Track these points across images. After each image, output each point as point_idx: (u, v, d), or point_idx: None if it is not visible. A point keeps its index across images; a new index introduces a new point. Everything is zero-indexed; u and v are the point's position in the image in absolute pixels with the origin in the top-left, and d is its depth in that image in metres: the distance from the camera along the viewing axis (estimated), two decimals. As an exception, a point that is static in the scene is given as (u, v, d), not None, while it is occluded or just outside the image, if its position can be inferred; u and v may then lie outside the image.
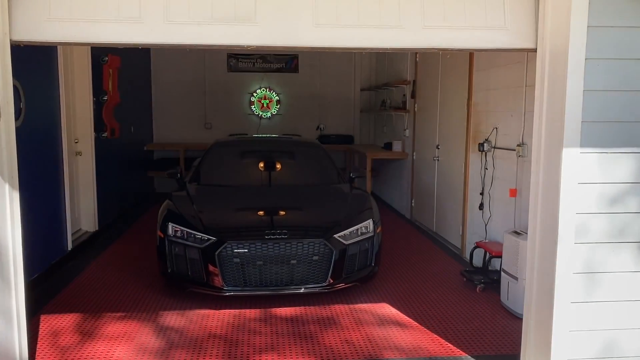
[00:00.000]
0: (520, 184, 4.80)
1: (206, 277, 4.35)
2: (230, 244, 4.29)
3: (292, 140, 6.31)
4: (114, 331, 3.98)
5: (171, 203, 4.92)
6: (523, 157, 4.74)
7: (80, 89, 6.44)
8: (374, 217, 4.83)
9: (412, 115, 7.93)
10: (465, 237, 5.97)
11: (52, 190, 5.36)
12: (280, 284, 4.35)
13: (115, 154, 7.64)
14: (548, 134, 3.08)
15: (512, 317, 4.31)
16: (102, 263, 5.64)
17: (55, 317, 4.21)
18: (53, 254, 5.33)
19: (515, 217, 4.87)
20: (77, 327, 4.04)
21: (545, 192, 3.11)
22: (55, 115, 5.43)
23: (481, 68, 5.59)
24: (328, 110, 10.54)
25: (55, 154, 5.44)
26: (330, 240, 4.42)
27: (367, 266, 4.68)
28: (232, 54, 10.20)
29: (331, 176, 5.75)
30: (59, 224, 5.53)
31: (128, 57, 8.32)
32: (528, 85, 4.67)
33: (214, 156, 5.87)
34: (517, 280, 4.29)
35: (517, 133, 4.85)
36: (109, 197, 7.23)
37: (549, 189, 3.08)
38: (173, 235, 4.51)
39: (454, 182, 6.38)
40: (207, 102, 10.29)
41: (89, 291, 4.80)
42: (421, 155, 7.60)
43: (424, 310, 4.45)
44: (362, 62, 10.44)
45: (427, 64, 7.32)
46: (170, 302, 4.55)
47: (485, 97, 5.49)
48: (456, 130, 6.28)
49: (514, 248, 4.33)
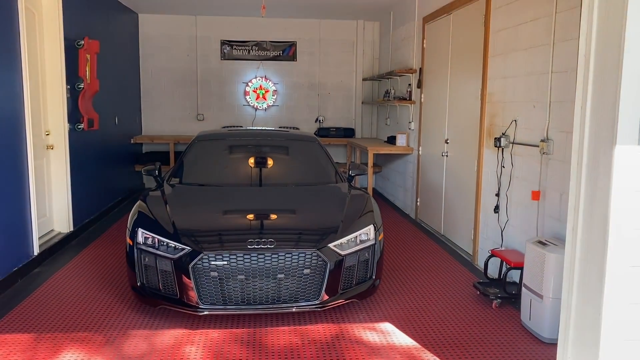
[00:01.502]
0: (544, 186, 4.17)
1: (180, 293, 3.73)
2: (206, 255, 3.67)
3: (284, 134, 5.66)
4: (70, 357, 3.38)
5: (144, 205, 4.31)
6: (548, 155, 4.11)
7: (52, 75, 5.81)
8: (376, 222, 4.20)
9: (418, 106, 7.28)
10: (477, 242, 5.34)
11: (13, 188, 4.75)
12: (265, 302, 3.74)
13: (95, 148, 7.02)
14: (594, 128, 2.45)
15: (536, 341, 3.69)
16: (71, 271, 5.03)
17: (3, 339, 3.60)
18: (14, 261, 4.73)
19: (537, 223, 4.24)
20: (28, 351, 3.44)
21: (590, 200, 2.49)
22: (16, 104, 4.80)
23: (498, 53, 4.94)
24: (328, 101, 9.89)
25: (17, 147, 4.82)
26: (324, 250, 3.80)
27: (367, 279, 4.06)
28: (226, 41, 9.55)
29: (328, 174, 5.12)
30: (23, 225, 4.92)
31: (111, 42, 7.68)
32: (555, 72, 4.03)
33: (197, 151, 5.24)
34: (541, 299, 3.67)
35: (541, 127, 4.21)
36: (86, 194, 6.62)
37: (595, 197, 2.46)
38: (143, 242, 3.90)
39: (465, 181, 5.74)
40: (199, 92, 9.66)
41: (50, 306, 4.19)
42: (428, 150, 6.96)
43: (432, 331, 3.84)
44: (364, 49, 9.78)
45: (435, 50, 6.67)
46: (139, 320, 3.94)
47: (503, 86, 4.85)
48: (468, 123, 5.64)
49: (538, 261, 3.71)
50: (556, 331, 3.62)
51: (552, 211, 4.06)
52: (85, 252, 5.63)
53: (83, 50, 6.27)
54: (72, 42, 6.15)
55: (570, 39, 3.83)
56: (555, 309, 3.60)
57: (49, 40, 5.75)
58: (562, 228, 3.91)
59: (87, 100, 6.52)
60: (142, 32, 9.38)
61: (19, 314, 4.01)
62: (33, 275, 4.89)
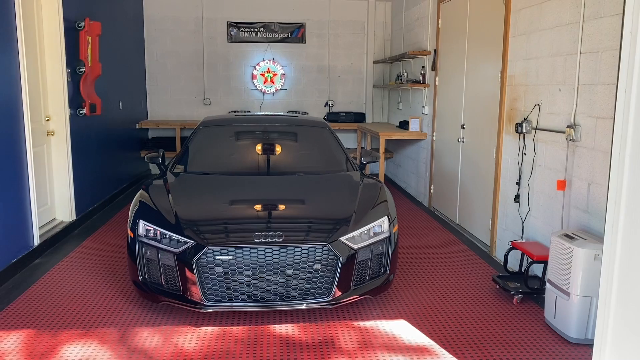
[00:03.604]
0: (570, 175, 3.90)
1: (183, 289, 3.53)
2: (211, 249, 3.46)
3: (293, 119, 5.40)
4: (69, 354, 3.19)
5: (146, 194, 4.09)
6: (575, 142, 3.83)
7: (51, 59, 5.58)
8: (390, 213, 3.96)
9: (432, 90, 6.99)
10: (495, 233, 5.10)
11: (11, 176, 4.55)
12: (273, 299, 3.52)
13: (98, 133, 6.81)
14: (640, 113, 2.19)
15: (562, 340, 3.46)
16: (72, 262, 4.86)
17: (0, 333, 3.44)
18: (13, 252, 4.55)
19: (563, 214, 3.98)
20: (26, 346, 3.26)
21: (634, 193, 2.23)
22: (13, 88, 4.58)
23: (519, 32, 4.64)
24: (337, 84, 9.60)
25: (14, 133, 4.61)
26: (335, 244, 3.57)
27: (381, 274, 3.84)
28: (233, 23, 9.27)
29: (339, 162, 4.87)
30: (22, 215, 4.73)
31: (114, 24, 7.43)
32: (584, 53, 3.74)
33: (201, 138, 5.01)
34: (568, 297, 3.43)
35: (568, 112, 3.93)
36: (89, 181, 6.43)
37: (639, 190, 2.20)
38: (145, 235, 3.69)
39: (482, 168, 5.48)
40: (205, 76, 9.40)
41: (49, 300, 4.02)
42: (442, 136, 6.69)
43: (449, 328, 3.61)
44: (375, 30, 9.45)
45: (451, 30, 6.36)
46: (142, 315, 3.75)
47: (525, 68, 4.56)
48: (486, 108, 5.36)
49: (565, 256, 3.46)
50: (584, 331, 3.40)
51: (578, 202, 3.80)
52: (87, 242, 5.44)
53: (84, 32, 6.03)
54: (72, 24, 5.91)
55: (603, 16, 3.53)
56: (584, 308, 3.37)
57: (48, 21, 5.51)
58: (590, 220, 3.66)
59: (89, 85, 6.30)
60: (147, 13, 9.12)
61: (18, 308, 3.84)
62: (33, 266, 4.71)
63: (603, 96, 3.53)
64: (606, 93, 3.50)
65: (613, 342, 2.41)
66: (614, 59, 3.42)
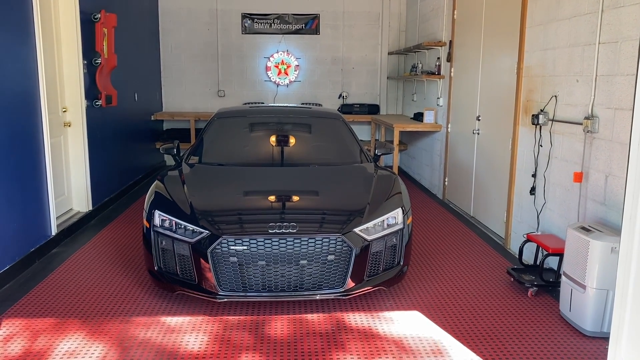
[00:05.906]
0: (587, 167, 3.86)
1: (198, 279, 3.56)
2: (226, 240, 3.48)
3: (307, 111, 5.39)
4: (86, 342, 3.25)
5: (161, 185, 4.13)
6: (593, 134, 3.79)
7: (68, 51, 5.63)
8: (404, 205, 3.96)
9: (447, 81, 6.94)
10: (510, 225, 5.07)
11: (29, 167, 4.61)
12: (287, 289, 3.54)
13: (113, 124, 6.87)
14: (660, 104, 2.15)
15: (577, 334, 3.44)
16: (89, 252, 4.92)
17: (18, 322, 3.49)
18: (31, 241, 4.63)
19: (579, 207, 3.94)
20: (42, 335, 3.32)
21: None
22: (31, 80, 4.63)
23: (536, 23, 4.58)
24: (351, 76, 9.57)
25: (32, 125, 4.67)
26: (349, 235, 3.57)
27: (395, 266, 3.84)
28: (247, 14, 9.26)
29: (353, 154, 4.86)
30: (40, 205, 4.80)
31: (129, 16, 7.47)
32: (603, 43, 3.68)
33: (216, 129, 5.03)
34: (584, 290, 3.41)
35: (585, 103, 3.88)
36: (105, 172, 6.50)
37: (657, 184, 2.17)
38: (160, 225, 3.72)
39: (497, 160, 5.44)
40: (219, 68, 9.42)
41: (67, 289, 4.08)
42: (457, 128, 6.64)
43: (463, 321, 3.61)
44: (390, 22, 9.39)
45: (467, 21, 6.30)
46: (157, 304, 3.80)
47: (542, 59, 4.50)
48: (502, 99, 5.31)
49: (581, 248, 3.43)
50: (600, 324, 3.37)
51: (595, 194, 3.76)
52: (104, 232, 5.51)
53: (100, 23, 6.07)
54: (89, 16, 5.95)
55: (622, 5, 3.47)
56: (600, 301, 3.34)
57: (64, 14, 5.56)
58: (607, 213, 3.62)
59: (105, 76, 6.35)
60: (162, 5, 9.15)
61: (36, 296, 3.90)
62: (51, 256, 4.79)
63: (622, 87, 3.47)
64: (625, 84, 3.45)
65: (629, 335, 2.40)
66: (634, 49, 3.36)
